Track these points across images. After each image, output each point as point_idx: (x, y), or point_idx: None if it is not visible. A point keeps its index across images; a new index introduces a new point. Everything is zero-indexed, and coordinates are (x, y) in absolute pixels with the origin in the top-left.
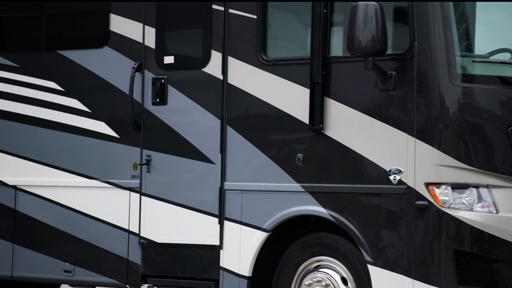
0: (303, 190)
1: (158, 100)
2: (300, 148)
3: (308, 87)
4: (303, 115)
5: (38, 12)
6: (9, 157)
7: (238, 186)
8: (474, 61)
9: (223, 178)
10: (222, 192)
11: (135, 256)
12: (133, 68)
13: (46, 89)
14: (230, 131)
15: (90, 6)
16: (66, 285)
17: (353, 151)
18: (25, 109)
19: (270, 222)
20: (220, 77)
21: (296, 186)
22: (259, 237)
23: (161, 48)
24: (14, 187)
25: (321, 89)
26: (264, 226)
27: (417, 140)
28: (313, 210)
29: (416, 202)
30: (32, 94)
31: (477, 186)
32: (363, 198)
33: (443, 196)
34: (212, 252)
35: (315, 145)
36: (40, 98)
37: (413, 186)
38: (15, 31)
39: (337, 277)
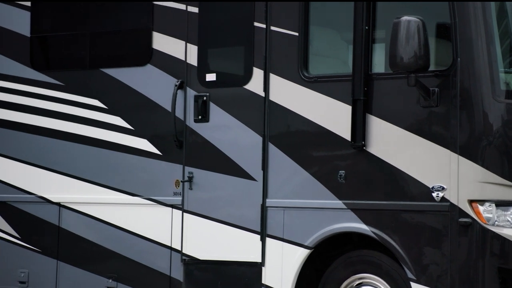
0: (345, 207)
1: (200, 117)
2: (342, 165)
3: (350, 103)
4: (345, 132)
5: (82, 31)
6: (53, 174)
7: (280, 203)
8: None
9: (265, 195)
10: (264, 209)
11: (177, 273)
12: (176, 85)
13: (89, 107)
14: (272, 148)
15: (133, 25)
16: None
17: (396, 168)
18: (69, 126)
19: (312, 239)
20: (262, 94)
21: (338, 203)
22: (301, 254)
23: (203, 65)
24: (58, 204)
25: (363, 106)
26: (306, 243)
27: (460, 157)
28: (355, 227)
29: (460, 220)
30: (76, 112)
31: None
32: (405, 215)
33: (487, 213)
34: (254, 269)
35: (357, 162)
36: (84, 116)
37: (456, 203)
38: (59, 49)
39: None
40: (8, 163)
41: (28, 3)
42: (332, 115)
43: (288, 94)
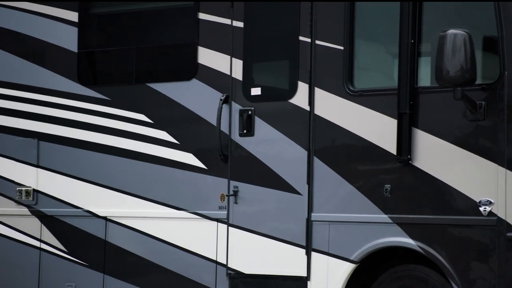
0: (391, 221)
1: (245, 131)
2: (388, 178)
3: (396, 117)
4: (391, 146)
5: (128, 46)
6: (100, 188)
7: (325, 217)
8: None
9: (310, 209)
10: (309, 223)
11: (223, 287)
12: (221, 100)
13: (135, 122)
14: (317, 162)
15: (179, 40)
16: None
17: (442, 182)
18: (115, 141)
19: (358, 253)
20: (307, 108)
21: (384, 217)
22: (347, 268)
23: (248, 80)
24: (105, 218)
25: (408, 119)
26: (351, 258)
27: (508, 171)
28: (401, 242)
29: (508, 234)
30: (122, 127)
31: None
32: (452, 230)
33: None
34: (299, 283)
35: (403, 176)
36: (130, 130)
37: (504, 218)
38: (106, 64)
39: None
40: (55, 178)
41: (76, 19)
42: (378, 128)
43: (333, 108)
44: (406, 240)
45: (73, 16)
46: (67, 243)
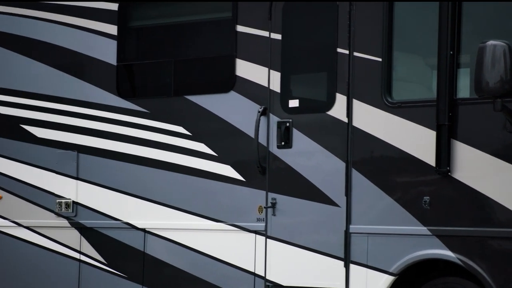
0: (430, 234)
1: (283, 143)
2: (427, 190)
3: (435, 129)
4: (429, 158)
5: (166, 58)
6: (138, 200)
7: (364, 229)
8: None
9: (348, 221)
10: (347, 235)
11: None
12: (259, 112)
13: (174, 134)
14: (355, 174)
15: (217, 52)
16: None
17: (482, 194)
18: (154, 153)
19: (397, 265)
20: (345, 120)
21: (423, 229)
22: (386, 280)
23: (286, 91)
24: (143, 230)
25: (447, 131)
26: (390, 270)
27: None
28: (441, 254)
29: None
30: (160, 139)
31: None
32: (493, 242)
33: None
34: None
35: (442, 187)
36: (168, 143)
37: None
38: (144, 77)
39: None
40: (94, 190)
41: (115, 32)
42: (416, 140)
43: (371, 119)
44: (445, 253)
45: (112, 29)
46: (106, 254)
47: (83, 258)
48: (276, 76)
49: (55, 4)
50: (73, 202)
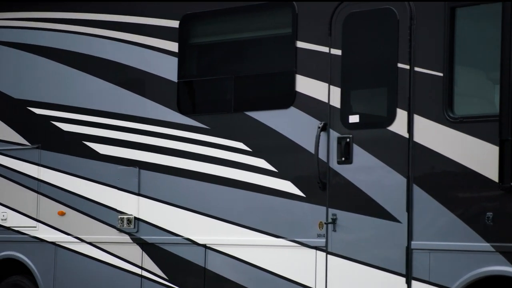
0: (494, 250)
1: (343, 159)
2: (490, 206)
3: (497, 144)
4: (492, 173)
5: (226, 75)
6: (199, 216)
7: (426, 245)
8: None
9: (409, 237)
10: (409, 251)
11: None
12: (319, 127)
13: (234, 150)
14: (416, 190)
15: (277, 68)
16: None
17: None
18: (214, 169)
19: (460, 282)
20: (406, 135)
21: (486, 245)
22: None
23: (346, 107)
24: (204, 245)
25: (511, 146)
26: (453, 287)
27: None
28: (504, 271)
29: None
30: (221, 155)
31: None
32: None
33: None
34: None
35: (506, 203)
36: (228, 158)
37: None
38: (204, 93)
39: None
40: (156, 205)
41: (176, 49)
42: (479, 155)
43: (432, 134)
44: (509, 269)
45: (173, 46)
46: (168, 270)
47: (144, 273)
48: (336, 92)
49: (117, 22)
50: (135, 218)
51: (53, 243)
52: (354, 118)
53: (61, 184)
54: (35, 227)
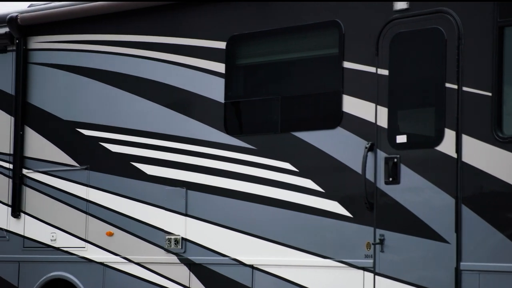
0: None
1: (390, 179)
2: None
3: None
4: None
5: (273, 95)
6: (246, 236)
7: (475, 267)
8: None
9: (458, 258)
10: (458, 272)
11: None
12: (366, 147)
13: (281, 170)
14: (465, 210)
15: (323, 88)
16: None
17: None
18: (261, 190)
19: None
20: (454, 155)
21: None
22: None
23: (394, 127)
24: (251, 266)
25: None
26: None
27: None
28: None
29: None
30: (268, 175)
31: None
32: None
33: None
34: None
35: None
36: (275, 179)
37: None
38: (251, 114)
39: None
40: (203, 226)
41: (223, 70)
42: None
43: (481, 155)
44: None
45: (220, 67)
46: None
47: None
48: (383, 112)
49: (164, 44)
50: (182, 238)
51: (101, 263)
52: (401, 138)
53: (109, 205)
54: (84, 247)
